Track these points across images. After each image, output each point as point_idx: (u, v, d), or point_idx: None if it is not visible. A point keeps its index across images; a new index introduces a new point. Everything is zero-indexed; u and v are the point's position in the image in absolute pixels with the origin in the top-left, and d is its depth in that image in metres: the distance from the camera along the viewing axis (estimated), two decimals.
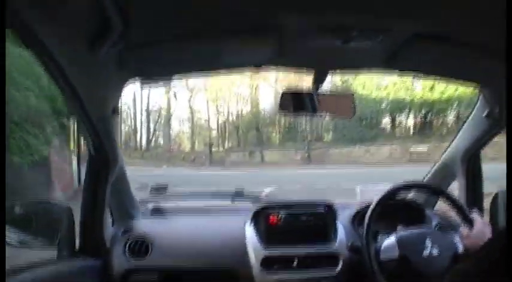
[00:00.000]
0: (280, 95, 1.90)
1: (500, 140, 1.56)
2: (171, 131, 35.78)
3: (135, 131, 35.23)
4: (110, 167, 1.91)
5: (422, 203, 2.40)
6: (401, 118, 27.39)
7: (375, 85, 26.38)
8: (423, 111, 25.74)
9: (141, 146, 34.87)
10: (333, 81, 23.98)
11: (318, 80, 1.83)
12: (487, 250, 0.84)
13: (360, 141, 25.05)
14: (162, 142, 35.84)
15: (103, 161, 1.89)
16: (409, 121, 27.40)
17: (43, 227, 1.86)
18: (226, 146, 33.83)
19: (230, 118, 34.72)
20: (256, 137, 31.74)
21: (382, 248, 1.82)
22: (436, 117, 26.22)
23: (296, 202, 2.28)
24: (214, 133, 35.24)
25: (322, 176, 14.45)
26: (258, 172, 18.80)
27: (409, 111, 26.69)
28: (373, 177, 4.84)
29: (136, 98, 34.06)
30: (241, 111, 34.11)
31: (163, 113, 35.19)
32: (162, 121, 35.38)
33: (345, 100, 1.96)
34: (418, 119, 26.77)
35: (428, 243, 1.76)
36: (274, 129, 33.14)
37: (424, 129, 25.40)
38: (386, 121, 28.16)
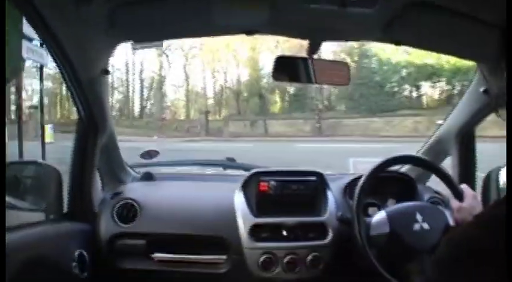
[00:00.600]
0: (274, 61, 1.84)
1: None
2: (163, 98, 35.05)
3: (126, 98, 35.18)
4: (99, 129, 1.97)
5: (414, 177, 2.41)
6: (428, 86, 26.16)
7: (398, 48, 21.96)
8: (453, 79, 24.08)
9: (132, 114, 34.69)
10: (347, 44, 23.35)
11: (313, 46, 1.80)
12: (475, 220, 0.87)
13: (379, 111, 23.63)
14: (154, 110, 34.78)
15: (92, 124, 1.94)
16: (437, 90, 26.10)
17: (31, 189, 1.97)
18: (224, 114, 32.91)
19: (229, 83, 34.11)
20: (258, 104, 30.34)
21: (372, 223, 1.83)
22: (467, 86, 21.83)
23: (287, 170, 2.30)
24: (211, 101, 35.01)
25: (336, 152, 13.17)
26: (261, 145, 17.46)
27: (437, 79, 25.25)
28: (393, 153, 2.23)
29: (128, 64, 34.00)
30: (241, 76, 33.19)
31: (156, 78, 34.61)
32: (154, 87, 34.90)
33: (340, 67, 1.92)
34: (447, 88, 25.41)
35: (419, 217, 1.74)
36: (280, 96, 31.76)
37: (452, 99, 22.94)
38: (410, 89, 26.78)
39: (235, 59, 32.00)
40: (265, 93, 30.82)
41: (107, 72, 1.85)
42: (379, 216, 1.84)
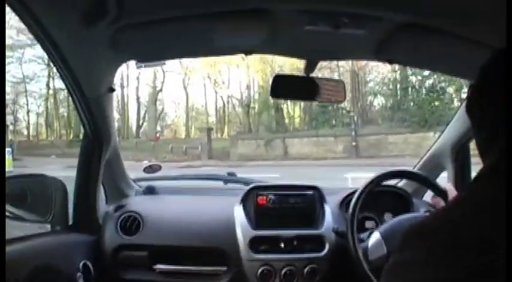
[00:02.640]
0: (272, 79, 1.95)
1: None
2: (158, 114, 34.05)
3: (122, 116, 33.16)
4: (103, 145, 2.09)
5: (411, 191, 2.50)
6: None
7: None
8: None
9: (129, 134, 33.19)
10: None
11: (310, 65, 1.92)
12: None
13: (435, 123, 19.80)
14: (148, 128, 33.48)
15: (97, 140, 2.06)
16: None
17: (37, 201, 2.02)
18: (231, 131, 30.99)
19: (236, 94, 31.89)
20: (275, 118, 27.80)
21: (370, 247, 1.90)
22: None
23: (285, 184, 2.45)
24: (213, 119, 34.42)
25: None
26: (280, 173, 13.42)
27: None
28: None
29: (123, 78, 32.04)
30: (252, 83, 30.38)
31: (150, 91, 33.47)
32: (148, 101, 33.69)
33: (336, 84, 2.03)
34: None
35: None
36: (301, 108, 28.98)
37: None
38: None
39: (245, 61, 27.62)
40: (283, 105, 27.95)
41: (112, 90, 1.95)
42: (374, 239, 1.90)
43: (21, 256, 1.55)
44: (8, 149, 17.33)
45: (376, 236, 1.88)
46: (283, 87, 1.92)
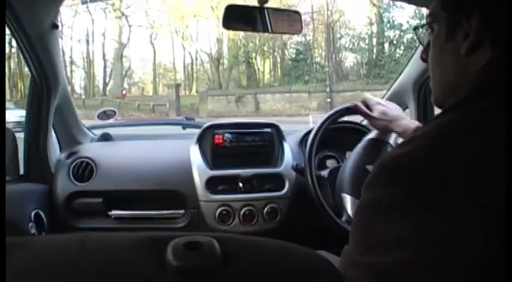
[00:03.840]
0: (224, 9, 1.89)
1: None
2: (124, 71, 32.86)
3: (88, 74, 32.79)
4: (52, 88, 2.02)
5: (370, 128, 2.32)
6: None
7: None
8: None
9: (94, 92, 32.42)
10: None
11: None
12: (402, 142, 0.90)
13: None
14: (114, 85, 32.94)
15: (45, 82, 2.00)
16: None
17: None
18: (200, 88, 30.03)
19: (206, 48, 32.11)
20: (246, 74, 28.13)
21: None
22: None
23: (242, 122, 2.39)
24: (181, 76, 33.54)
25: None
26: None
27: None
28: None
29: (88, 34, 31.46)
30: (223, 37, 29.49)
31: (116, 46, 32.25)
32: (113, 57, 32.60)
33: (293, 16, 1.98)
34: None
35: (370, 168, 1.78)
36: (275, 61, 28.71)
37: None
38: None
39: (215, 13, 27.14)
40: (255, 59, 28.23)
41: (56, 26, 1.89)
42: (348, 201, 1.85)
43: None
44: None
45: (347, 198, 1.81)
46: (236, 17, 1.90)
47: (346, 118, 2.08)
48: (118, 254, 0.57)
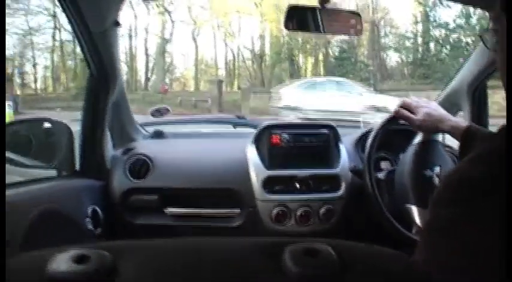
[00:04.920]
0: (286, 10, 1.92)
1: None
2: (167, 67, 33.02)
3: (130, 69, 32.60)
4: (110, 84, 2.05)
5: None
6: None
7: None
8: None
9: (137, 87, 32.48)
10: None
11: None
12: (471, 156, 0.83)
13: None
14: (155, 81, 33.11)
15: (103, 80, 2.03)
16: None
17: (42, 147, 2.03)
18: (241, 84, 30.11)
19: (248, 45, 31.38)
20: (288, 71, 27.52)
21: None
22: None
23: (299, 123, 2.50)
24: (222, 72, 33.42)
25: None
26: None
27: None
28: None
29: (131, 29, 31.50)
30: (266, 33, 29.40)
31: (159, 41, 32.21)
32: (156, 52, 32.62)
33: (352, 17, 1.95)
34: None
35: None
36: (317, 59, 28.31)
37: None
38: None
39: (258, 9, 27.46)
40: (297, 57, 28.33)
41: (118, 24, 1.91)
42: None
43: (27, 199, 1.54)
44: (9, 103, 17.74)
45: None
46: (297, 18, 1.88)
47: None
48: (236, 260, 0.59)
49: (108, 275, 0.56)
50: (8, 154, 1.73)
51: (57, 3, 1.53)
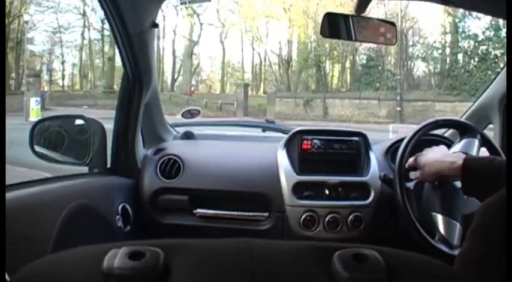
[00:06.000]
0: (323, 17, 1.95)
1: None
2: (194, 68, 33.46)
3: (158, 69, 29.68)
4: (144, 85, 2.07)
5: (452, 140, 2.35)
6: None
7: None
8: None
9: (163, 87, 32.52)
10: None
11: (362, 4, 1.86)
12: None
13: None
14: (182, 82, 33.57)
15: (138, 79, 2.05)
16: None
17: (74, 143, 2.04)
18: (267, 89, 30.14)
19: (275, 50, 30.91)
20: (315, 77, 27.31)
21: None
22: None
23: (330, 129, 2.41)
24: (249, 76, 33.85)
25: None
26: None
27: None
28: None
29: (159, 30, 29.85)
30: (293, 39, 29.10)
31: (186, 43, 32.63)
32: (183, 54, 33.07)
33: (387, 27, 1.95)
34: None
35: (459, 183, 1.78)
36: (344, 67, 28.39)
37: None
38: None
39: (286, 14, 27.13)
40: (324, 63, 27.57)
41: (155, 25, 1.93)
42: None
43: (59, 195, 1.57)
44: (36, 99, 17.72)
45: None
46: (333, 25, 1.88)
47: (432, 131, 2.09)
48: (287, 263, 0.60)
49: (163, 272, 0.57)
50: (41, 150, 1.81)
51: (89, 3, 1.63)
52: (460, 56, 22.66)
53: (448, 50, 23.80)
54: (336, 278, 0.55)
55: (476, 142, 1.88)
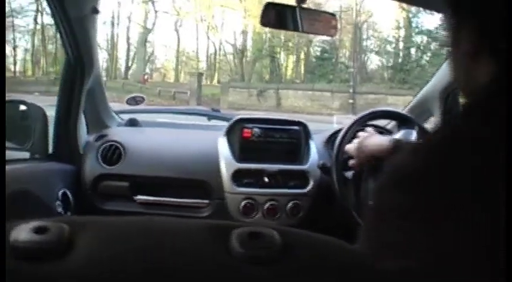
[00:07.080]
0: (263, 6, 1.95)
1: None
2: (148, 57, 32.85)
3: (111, 56, 32.47)
4: (86, 70, 2.09)
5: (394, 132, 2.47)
6: None
7: None
8: None
9: (116, 75, 32.06)
10: None
11: None
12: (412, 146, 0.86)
13: None
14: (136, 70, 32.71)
15: (80, 65, 2.07)
16: None
17: (16, 128, 2.04)
18: (222, 78, 29.80)
19: (230, 39, 30.98)
20: (269, 68, 27.66)
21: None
22: None
23: (271, 118, 2.45)
24: (204, 65, 33.43)
25: None
26: None
27: None
28: None
29: (114, 17, 31.12)
30: (248, 29, 29.21)
31: (140, 31, 31.91)
32: (137, 42, 32.26)
33: (328, 18, 2.00)
34: None
35: None
36: (298, 58, 28.61)
37: None
38: None
39: (242, 4, 27.14)
40: (279, 54, 28.19)
41: (96, 11, 1.94)
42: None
43: None
44: None
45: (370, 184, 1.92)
46: (274, 15, 1.90)
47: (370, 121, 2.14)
48: (185, 239, 0.55)
49: (66, 246, 0.50)
50: None
51: None
52: (413, 51, 23.13)
53: (401, 45, 24.24)
54: (233, 254, 0.51)
55: (414, 133, 1.93)
